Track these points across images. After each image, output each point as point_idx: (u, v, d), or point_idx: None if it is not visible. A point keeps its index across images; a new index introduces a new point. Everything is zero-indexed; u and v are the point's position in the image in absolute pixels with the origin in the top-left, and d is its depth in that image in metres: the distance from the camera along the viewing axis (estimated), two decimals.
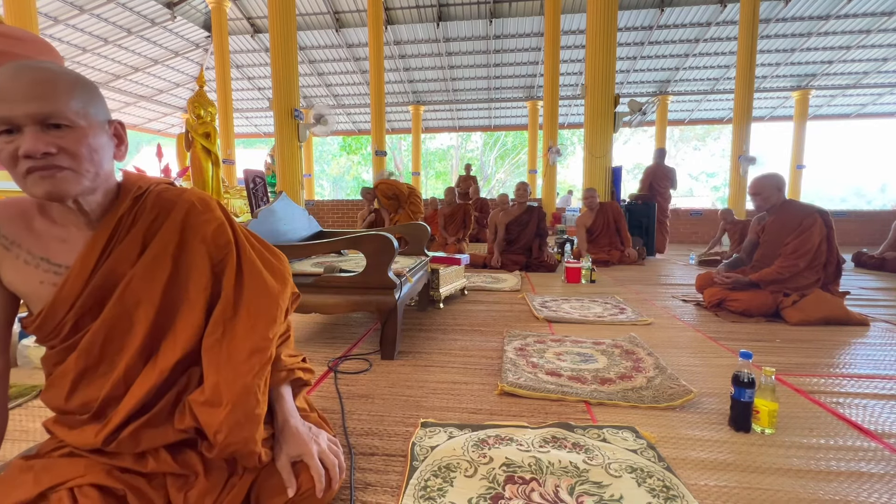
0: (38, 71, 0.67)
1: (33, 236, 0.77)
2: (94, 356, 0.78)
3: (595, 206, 5.53)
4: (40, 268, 0.76)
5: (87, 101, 0.71)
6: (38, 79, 0.66)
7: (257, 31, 12.90)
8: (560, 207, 11.31)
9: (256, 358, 0.81)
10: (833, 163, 30.80)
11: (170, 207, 0.83)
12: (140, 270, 0.79)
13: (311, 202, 10.89)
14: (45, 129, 0.67)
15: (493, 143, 26.38)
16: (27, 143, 0.65)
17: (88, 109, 0.71)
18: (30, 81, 0.66)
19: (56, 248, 0.77)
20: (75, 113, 0.69)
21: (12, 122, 0.65)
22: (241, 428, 0.76)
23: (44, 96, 0.66)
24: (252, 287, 0.87)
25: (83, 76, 0.73)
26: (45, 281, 0.76)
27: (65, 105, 0.67)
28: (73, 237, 0.78)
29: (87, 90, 0.72)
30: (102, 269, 0.77)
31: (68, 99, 0.68)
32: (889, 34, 11.58)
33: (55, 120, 0.67)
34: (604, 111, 6.05)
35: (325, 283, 2.02)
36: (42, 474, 0.73)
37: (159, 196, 0.84)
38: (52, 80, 0.67)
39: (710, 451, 1.23)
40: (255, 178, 6.24)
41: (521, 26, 12.41)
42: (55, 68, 0.68)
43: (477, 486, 1.04)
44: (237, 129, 15.90)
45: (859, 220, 8.96)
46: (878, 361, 1.98)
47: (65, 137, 0.68)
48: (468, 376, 1.78)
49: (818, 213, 2.69)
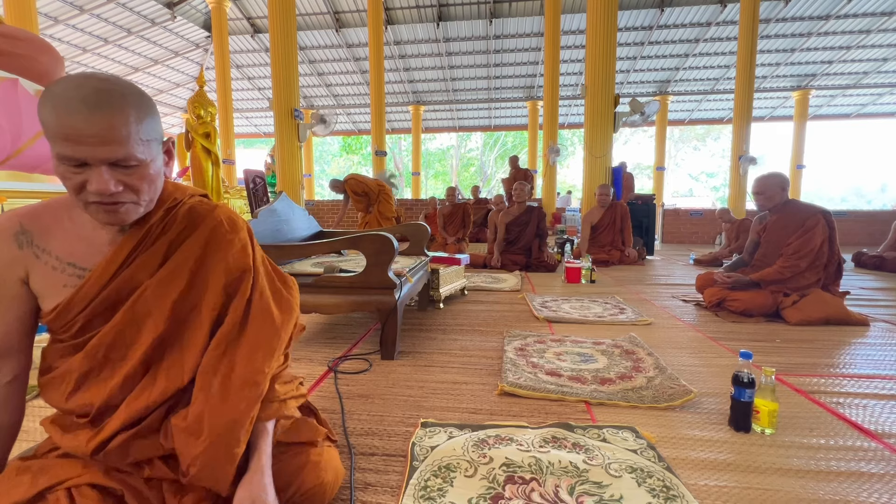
0: (111, 111, 0.65)
1: (63, 242, 0.77)
2: (98, 360, 0.78)
3: (607, 204, 5.52)
4: (66, 272, 0.77)
5: (151, 131, 0.71)
6: (113, 124, 0.65)
7: (257, 31, 12.90)
8: (560, 207, 11.31)
9: (248, 391, 0.79)
10: (833, 163, 30.86)
11: (198, 222, 0.84)
12: (156, 282, 0.79)
13: (311, 202, 10.89)
14: (112, 167, 0.67)
15: (493, 143, 26.38)
16: (97, 183, 0.66)
17: (152, 140, 0.72)
18: (105, 126, 0.65)
19: (84, 252, 0.78)
20: (142, 151, 0.69)
21: (85, 163, 0.66)
22: (215, 467, 0.74)
23: (116, 140, 0.66)
24: (258, 316, 0.86)
25: (147, 97, 0.71)
26: (69, 284, 0.77)
27: (135, 147, 0.68)
28: (102, 240, 0.79)
29: (152, 118, 0.71)
30: (123, 275, 0.78)
31: (138, 139, 0.68)
32: (889, 34, 11.58)
33: (125, 163, 0.68)
34: (604, 111, 6.05)
35: (325, 283, 2.02)
36: (39, 475, 0.72)
37: (191, 209, 0.84)
38: (121, 119, 0.66)
39: (710, 451, 1.23)
40: (255, 178, 6.24)
41: (521, 26, 12.42)
42: (118, 99, 0.66)
43: (477, 486, 1.04)
44: (237, 129, 15.93)
45: (859, 220, 8.96)
46: (878, 361, 1.98)
47: (131, 175, 0.69)
48: (468, 376, 1.78)
49: (821, 214, 2.69)
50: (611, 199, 5.58)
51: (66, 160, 0.65)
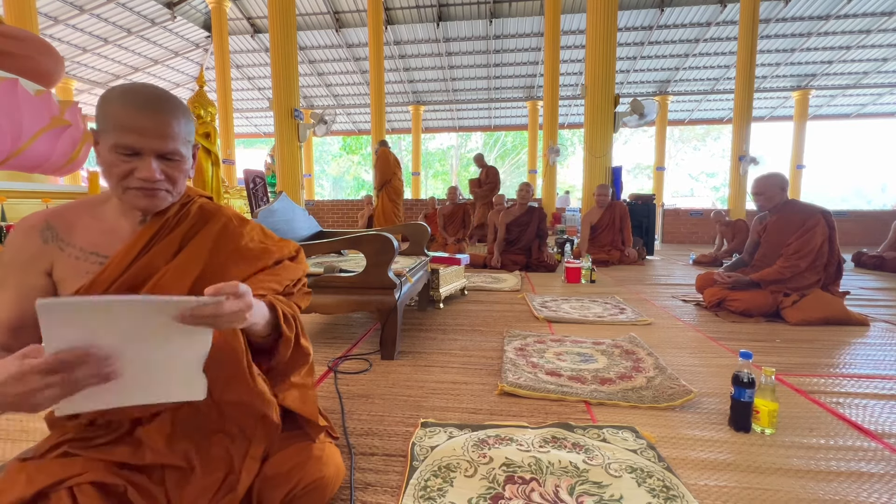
0: (163, 108, 0.78)
1: (86, 236, 0.85)
2: None
3: (605, 204, 5.53)
4: (89, 260, 0.83)
5: (190, 133, 0.84)
6: (170, 122, 0.78)
7: (257, 31, 12.90)
8: (560, 207, 11.31)
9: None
10: (833, 163, 30.84)
11: (208, 218, 0.93)
12: (174, 266, 0.86)
13: (311, 202, 10.89)
14: (159, 158, 0.79)
15: (494, 143, 26.38)
16: (146, 171, 0.77)
17: (189, 141, 0.84)
18: (164, 123, 0.77)
19: (105, 242, 0.85)
20: (185, 149, 0.82)
21: (140, 152, 0.77)
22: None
23: (170, 136, 0.78)
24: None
25: (186, 106, 0.83)
26: (91, 271, 0.83)
27: (180, 143, 0.80)
28: (123, 230, 0.86)
29: (190, 121, 0.83)
30: (141, 261, 0.84)
31: (183, 137, 0.81)
32: (889, 34, 11.58)
33: (171, 155, 0.79)
34: (604, 111, 6.06)
35: (325, 283, 2.02)
36: (36, 474, 0.73)
37: (202, 207, 0.94)
38: (175, 120, 0.79)
39: (710, 451, 1.23)
40: (255, 179, 6.23)
41: (521, 26, 12.41)
42: (174, 104, 0.79)
43: (477, 486, 1.04)
44: (237, 129, 15.93)
45: (859, 220, 8.95)
46: (878, 361, 1.98)
47: (172, 168, 0.81)
48: (468, 376, 1.78)
49: (821, 214, 2.69)
50: (609, 198, 5.58)
51: (123, 148, 0.75)
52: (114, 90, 0.78)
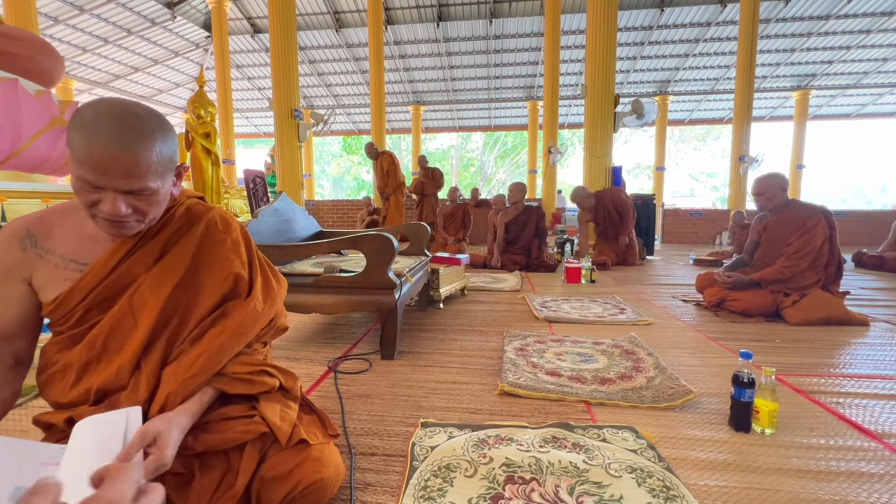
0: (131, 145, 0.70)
1: (66, 242, 0.83)
2: (97, 350, 0.83)
3: (587, 205, 5.48)
4: (68, 268, 0.82)
5: (168, 162, 0.77)
6: (137, 161, 0.71)
7: (257, 31, 12.90)
8: (560, 207, 11.31)
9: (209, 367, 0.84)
10: (833, 163, 30.83)
11: (194, 221, 0.91)
12: (152, 276, 0.84)
13: (311, 202, 10.89)
14: (125, 194, 0.73)
15: (494, 143, 26.38)
16: (108, 206, 0.72)
17: (166, 173, 0.78)
18: (130, 163, 0.70)
19: (86, 249, 0.83)
20: (156, 182, 0.75)
21: (102, 189, 0.72)
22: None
23: (136, 175, 0.72)
24: (241, 307, 0.91)
25: (169, 127, 0.77)
26: (70, 278, 0.82)
27: (150, 179, 0.74)
28: (104, 236, 0.84)
29: (168, 146, 0.76)
30: (121, 268, 0.83)
31: (156, 172, 0.74)
32: (889, 34, 11.58)
33: (139, 192, 0.74)
34: (604, 111, 6.06)
35: (325, 283, 2.02)
36: None
37: (188, 210, 0.91)
38: (144, 155, 0.71)
39: (710, 451, 1.23)
40: (255, 179, 6.24)
41: (521, 26, 12.42)
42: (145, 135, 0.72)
43: (477, 486, 1.04)
44: (237, 129, 15.93)
45: (859, 220, 8.96)
46: (878, 361, 1.98)
47: (141, 201, 0.76)
48: (468, 376, 1.78)
49: (822, 214, 2.69)
50: (592, 200, 5.47)
51: (86, 182, 0.71)
52: (84, 111, 0.70)
